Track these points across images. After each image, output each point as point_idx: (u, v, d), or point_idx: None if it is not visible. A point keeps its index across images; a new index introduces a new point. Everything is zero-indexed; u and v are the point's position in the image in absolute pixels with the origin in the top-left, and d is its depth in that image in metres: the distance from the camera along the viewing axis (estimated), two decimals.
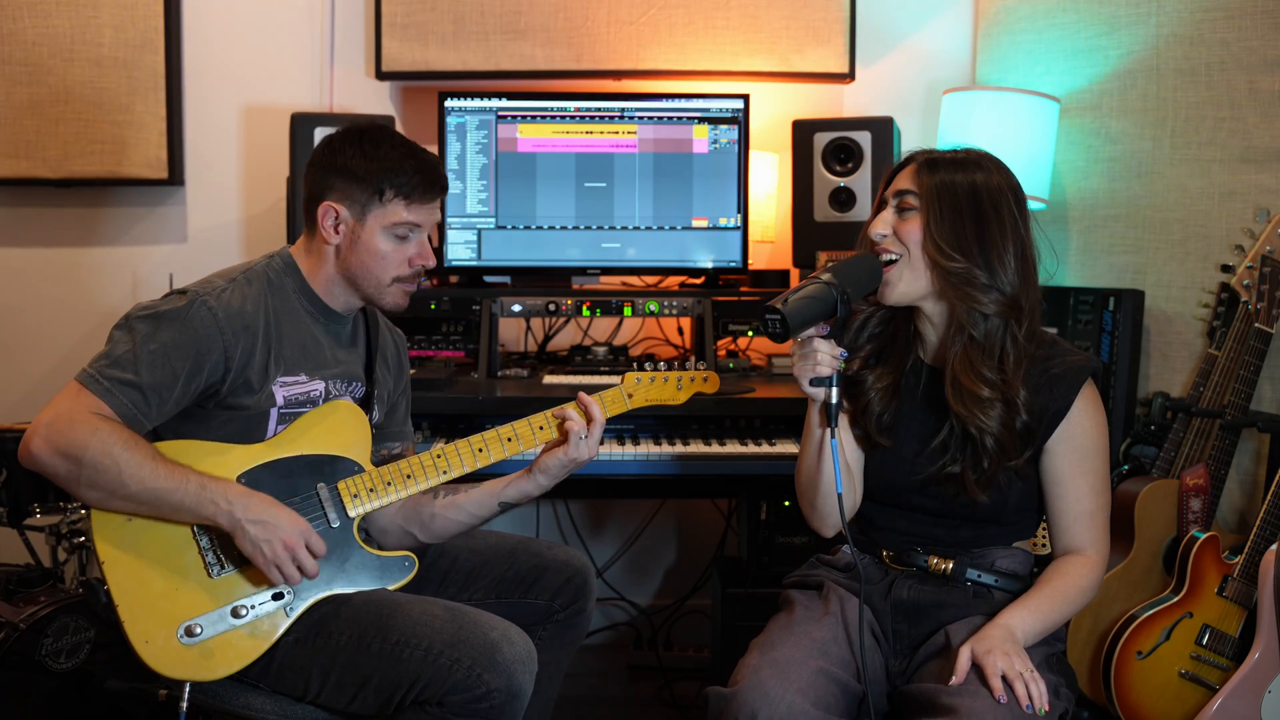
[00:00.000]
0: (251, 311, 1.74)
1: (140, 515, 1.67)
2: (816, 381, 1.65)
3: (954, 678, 1.55)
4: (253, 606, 1.70)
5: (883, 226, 1.70)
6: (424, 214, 1.82)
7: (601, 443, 2.32)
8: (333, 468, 1.80)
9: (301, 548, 1.67)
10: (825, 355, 1.64)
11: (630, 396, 1.95)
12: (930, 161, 1.69)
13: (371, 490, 1.80)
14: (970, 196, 1.65)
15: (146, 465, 1.62)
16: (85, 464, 1.59)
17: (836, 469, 1.65)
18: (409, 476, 1.82)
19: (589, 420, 1.85)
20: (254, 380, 1.74)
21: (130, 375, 1.64)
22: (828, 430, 1.67)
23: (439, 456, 1.84)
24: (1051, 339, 1.74)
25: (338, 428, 1.82)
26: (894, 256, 1.69)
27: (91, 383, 1.63)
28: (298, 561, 1.67)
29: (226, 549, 1.71)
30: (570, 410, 1.86)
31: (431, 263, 1.86)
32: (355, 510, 1.79)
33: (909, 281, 1.69)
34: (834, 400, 1.65)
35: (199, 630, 1.66)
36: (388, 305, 1.87)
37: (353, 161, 1.78)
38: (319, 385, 1.82)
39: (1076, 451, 1.68)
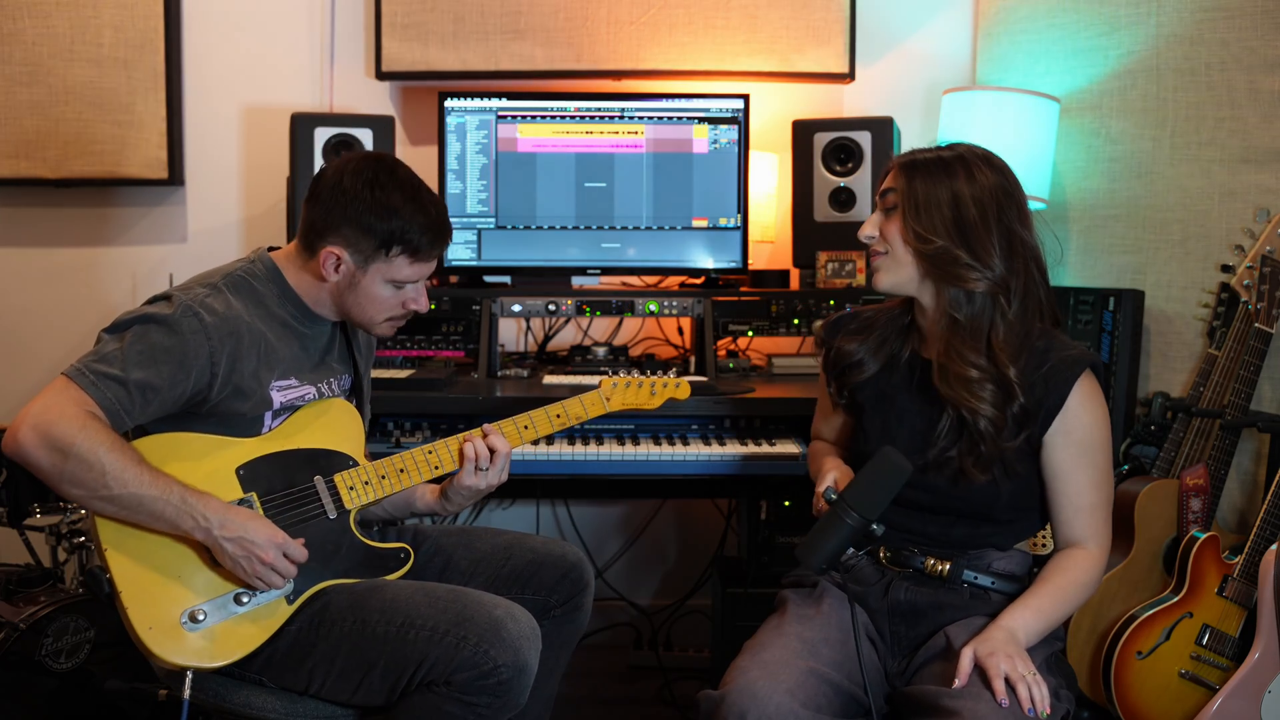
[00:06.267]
0: (237, 318, 1.74)
1: (119, 520, 1.66)
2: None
3: (956, 680, 1.55)
4: (255, 594, 1.71)
5: (870, 228, 1.75)
6: (426, 268, 1.82)
7: (601, 442, 2.35)
8: (329, 461, 1.82)
9: (280, 560, 1.68)
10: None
11: (608, 400, 1.99)
12: (910, 163, 1.72)
13: (367, 484, 1.83)
14: (947, 189, 1.68)
15: (131, 470, 1.62)
16: (71, 458, 1.59)
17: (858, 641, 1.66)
18: (402, 471, 1.85)
19: (491, 451, 1.87)
20: (245, 387, 1.74)
21: (117, 371, 1.64)
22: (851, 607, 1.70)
23: (430, 453, 1.87)
24: (1051, 332, 1.74)
25: (332, 424, 1.85)
26: (883, 251, 1.73)
27: (79, 376, 1.63)
28: (277, 570, 1.69)
29: None
30: (473, 435, 1.88)
31: (425, 309, 1.86)
32: (353, 503, 1.81)
33: (893, 272, 1.73)
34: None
35: (202, 617, 1.67)
36: (375, 335, 1.91)
37: (363, 215, 1.74)
38: (310, 390, 1.83)
39: (1076, 445, 1.69)
